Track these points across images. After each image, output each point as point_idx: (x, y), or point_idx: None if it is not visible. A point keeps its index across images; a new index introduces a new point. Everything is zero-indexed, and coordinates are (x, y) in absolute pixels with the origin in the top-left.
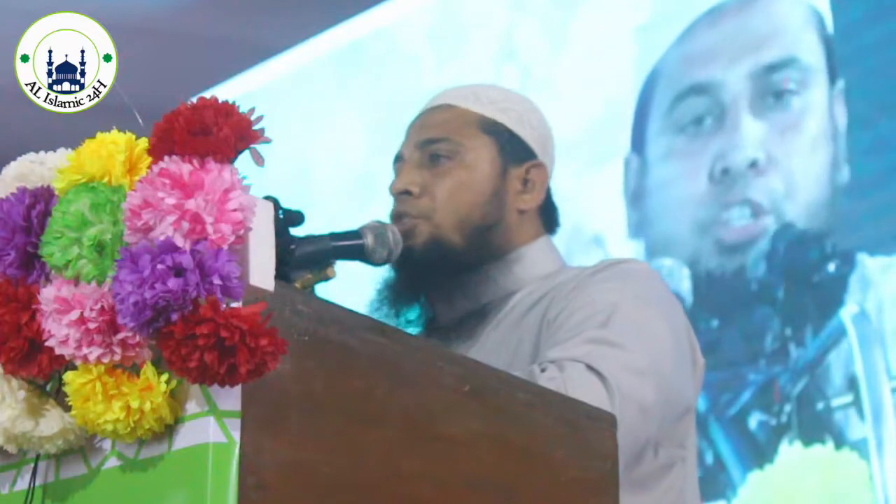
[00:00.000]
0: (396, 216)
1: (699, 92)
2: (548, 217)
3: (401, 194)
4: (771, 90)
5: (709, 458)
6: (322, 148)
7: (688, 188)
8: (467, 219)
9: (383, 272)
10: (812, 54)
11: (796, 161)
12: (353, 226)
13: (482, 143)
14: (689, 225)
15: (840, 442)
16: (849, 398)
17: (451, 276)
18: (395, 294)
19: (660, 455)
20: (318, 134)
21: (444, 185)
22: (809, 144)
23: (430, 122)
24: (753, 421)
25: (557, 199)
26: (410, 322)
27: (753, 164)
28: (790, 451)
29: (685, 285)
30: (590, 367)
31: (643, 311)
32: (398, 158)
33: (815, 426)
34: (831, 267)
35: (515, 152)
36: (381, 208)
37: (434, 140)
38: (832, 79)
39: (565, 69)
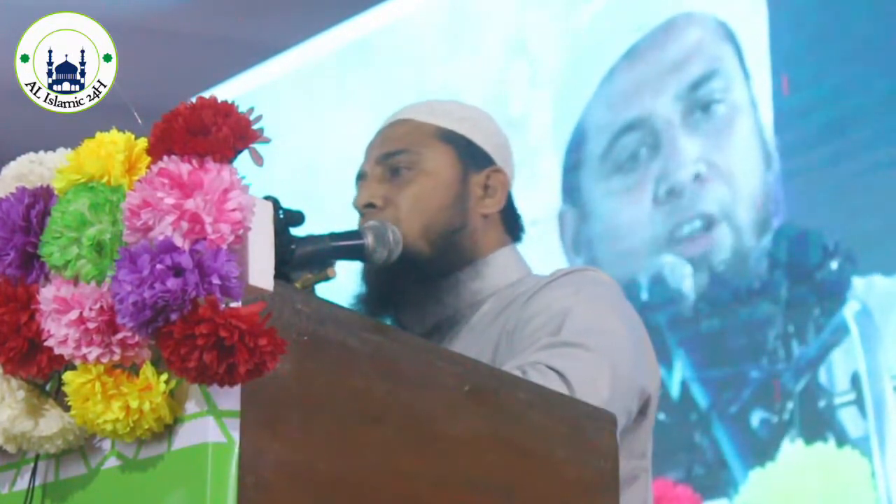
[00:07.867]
0: None
1: (631, 128)
2: (511, 223)
3: (365, 207)
4: (698, 105)
5: (710, 456)
6: (328, 144)
7: (634, 220)
8: (432, 225)
9: (355, 287)
10: (729, 61)
11: (735, 162)
12: (356, 225)
13: (441, 151)
14: (644, 249)
15: (842, 440)
16: (851, 396)
17: (422, 285)
18: (368, 308)
19: (623, 466)
20: (324, 131)
21: (406, 194)
22: (743, 143)
23: (389, 136)
24: (755, 418)
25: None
26: None
27: (697, 177)
28: (792, 449)
29: (687, 283)
30: (549, 367)
31: (596, 309)
32: (360, 177)
33: (817, 424)
34: (834, 265)
35: (474, 159)
36: None
37: (393, 153)
38: (746, 76)
39: (572, 64)
